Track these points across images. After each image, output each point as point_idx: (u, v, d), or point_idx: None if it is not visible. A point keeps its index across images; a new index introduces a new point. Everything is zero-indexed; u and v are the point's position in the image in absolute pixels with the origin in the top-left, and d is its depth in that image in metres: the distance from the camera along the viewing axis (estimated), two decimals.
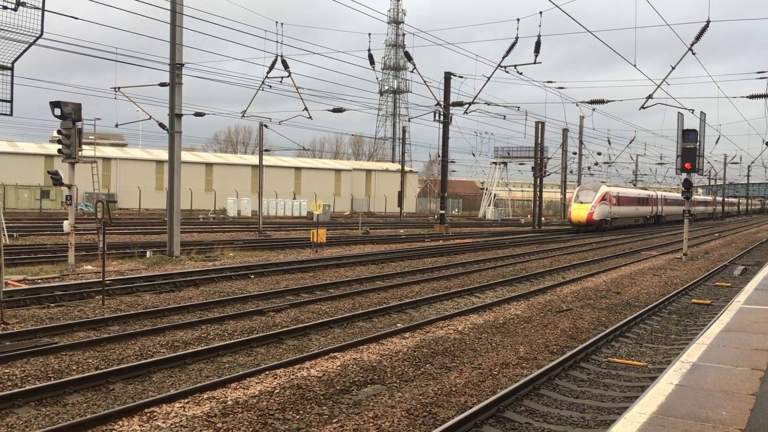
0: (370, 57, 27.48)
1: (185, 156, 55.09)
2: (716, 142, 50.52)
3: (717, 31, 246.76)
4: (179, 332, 11.33)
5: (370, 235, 37.13)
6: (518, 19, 24.72)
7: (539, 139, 54.80)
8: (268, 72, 25.82)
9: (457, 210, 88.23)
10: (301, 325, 11.79)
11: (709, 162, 71.20)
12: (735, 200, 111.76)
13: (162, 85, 26.05)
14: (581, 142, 59.90)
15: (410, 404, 7.75)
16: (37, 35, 11.43)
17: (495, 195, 79.72)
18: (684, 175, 26.56)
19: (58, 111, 18.40)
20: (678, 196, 62.04)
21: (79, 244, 22.89)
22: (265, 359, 9.89)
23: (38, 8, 11.41)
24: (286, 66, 25.39)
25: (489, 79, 29.37)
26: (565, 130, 61.29)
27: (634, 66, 25.99)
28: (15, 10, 11.03)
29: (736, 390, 6.17)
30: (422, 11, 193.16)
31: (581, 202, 46.88)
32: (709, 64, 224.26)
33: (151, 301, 14.08)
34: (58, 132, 18.97)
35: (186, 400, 7.63)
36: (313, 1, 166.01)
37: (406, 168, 70.16)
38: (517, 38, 25.41)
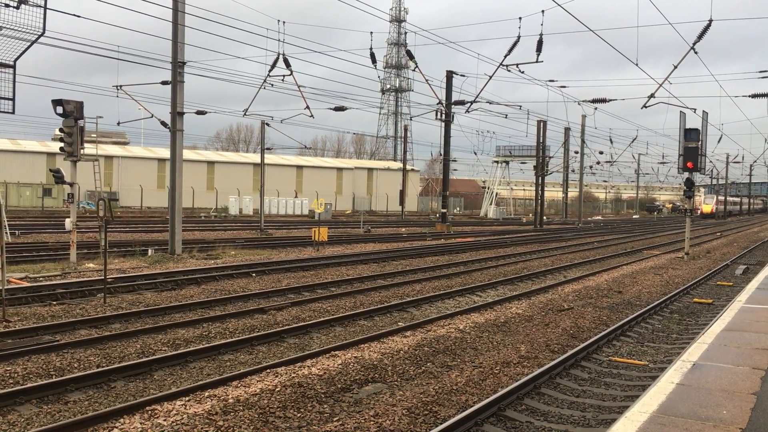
0: (372, 56, 27.42)
1: (187, 154, 55.12)
2: (718, 141, 50.45)
3: (730, 32, 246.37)
4: (181, 330, 11.35)
5: (371, 233, 37.14)
6: (520, 18, 24.65)
7: (541, 138, 54.75)
8: (270, 70, 25.84)
9: (458, 209, 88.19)
10: (303, 324, 11.80)
11: (711, 161, 71.17)
12: (737, 199, 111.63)
13: (164, 83, 26.08)
14: (583, 141, 59.80)
15: (411, 403, 7.75)
16: (39, 33, 11.41)
17: (496, 194, 79.67)
18: (686, 174, 26.53)
19: (60, 109, 18.41)
20: (737, 199, 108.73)
21: (80, 242, 22.93)
22: (267, 357, 9.90)
23: (40, 6, 11.40)
24: (287, 64, 25.39)
25: (491, 77, 29.35)
26: (567, 129, 61.27)
27: (636, 65, 25.94)
28: (17, 8, 11.03)
29: (737, 389, 6.17)
30: (441, 11, 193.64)
31: (707, 203, 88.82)
32: (722, 65, 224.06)
33: (153, 300, 14.10)
34: (60, 130, 18.98)
35: (187, 398, 7.64)
36: (320, 4, 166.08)
37: (408, 167, 70.10)
38: (519, 37, 25.36)
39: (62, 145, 18.90)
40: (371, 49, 27.25)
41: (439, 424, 7.00)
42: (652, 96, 25.72)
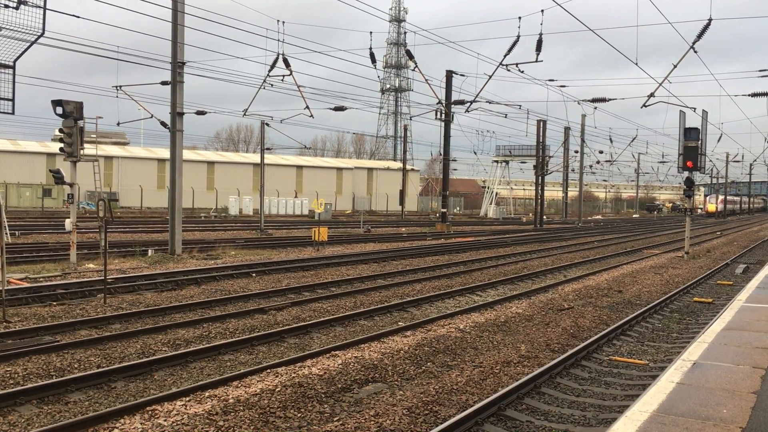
0: (372, 55, 27.43)
1: (187, 154, 55.10)
2: (718, 140, 50.29)
3: (730, 32, 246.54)
4: (181, 330, 11.35)
5: (371, 233, 37.14)
6: (520, 18, 24.64)
7: (541, 137, 54.73)
8: (269, 70, 25.84)
9: (458, 208, 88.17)
10: (303, 324, 11.80)
11: (711, 160, 71.20)
12: (737, 198, 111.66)
13: (164, 83, 26.05)
14: (583, 141, 59.77)
15: (411, 402, 7.75)
16: (39, 34, 11.40)
17: (496, 193, 79.65)
18: (686, 174, 26.52)
19: (59, 109, 18.40)
20: (736, 198, 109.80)
21: (80, 242, 22.93)
22: (267, 357, 9.90)
23: (40, 7, 11.39)
24: (287, 64, 25.38)
25: (491, 77, 29.32)
26: (567, 129, 61.26)
27: (636, 64, 25.93)
28: (17, 8, 11.02)
29: (737, 388, 6.17)
30: (441, 11, 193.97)
31: (711, 203, 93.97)
32: (722, 65, 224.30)
33: (153, 300, 14.10)
34: (60, 130, 18.98)
35: (187, 399, 7.64)
36: (320, 4, 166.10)
37: (408, 166, 70.07)
38: (518, 36, 25.36)
39: (62, 145, 18.90)
40: (371, 48, 27.26)
41: (439, 424, 7.00)
42: (651, 95, 25.71)
